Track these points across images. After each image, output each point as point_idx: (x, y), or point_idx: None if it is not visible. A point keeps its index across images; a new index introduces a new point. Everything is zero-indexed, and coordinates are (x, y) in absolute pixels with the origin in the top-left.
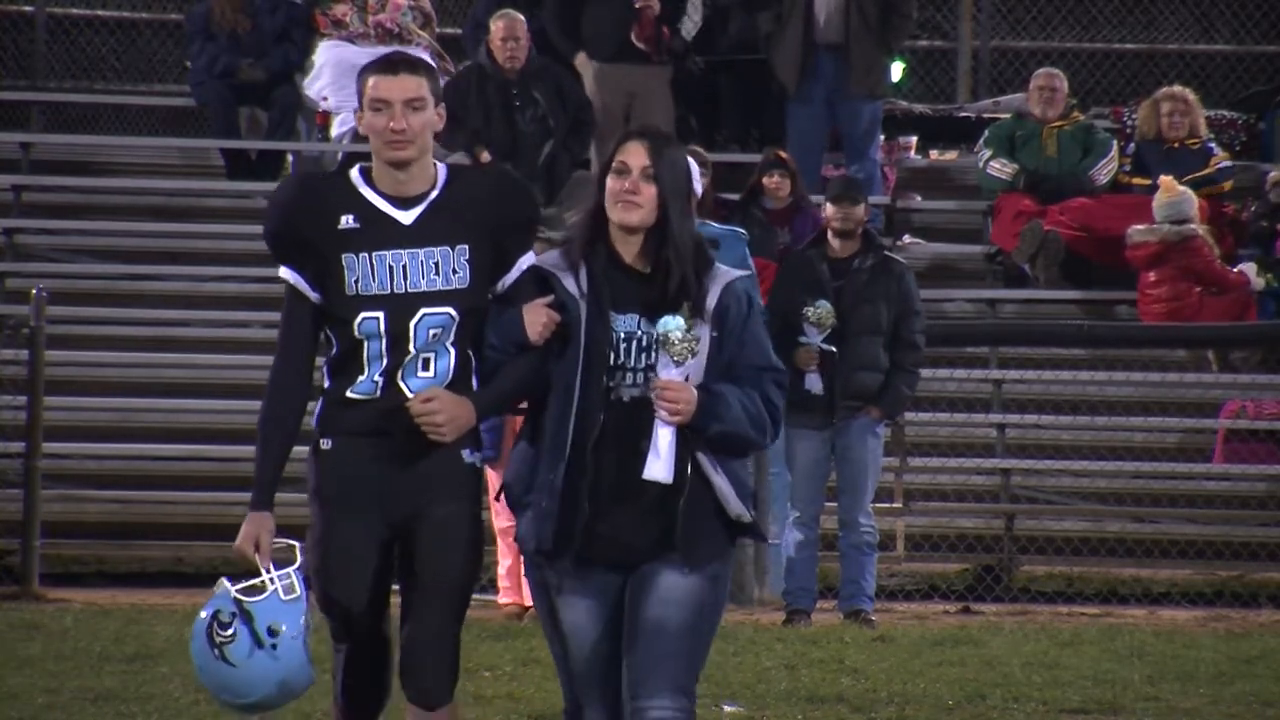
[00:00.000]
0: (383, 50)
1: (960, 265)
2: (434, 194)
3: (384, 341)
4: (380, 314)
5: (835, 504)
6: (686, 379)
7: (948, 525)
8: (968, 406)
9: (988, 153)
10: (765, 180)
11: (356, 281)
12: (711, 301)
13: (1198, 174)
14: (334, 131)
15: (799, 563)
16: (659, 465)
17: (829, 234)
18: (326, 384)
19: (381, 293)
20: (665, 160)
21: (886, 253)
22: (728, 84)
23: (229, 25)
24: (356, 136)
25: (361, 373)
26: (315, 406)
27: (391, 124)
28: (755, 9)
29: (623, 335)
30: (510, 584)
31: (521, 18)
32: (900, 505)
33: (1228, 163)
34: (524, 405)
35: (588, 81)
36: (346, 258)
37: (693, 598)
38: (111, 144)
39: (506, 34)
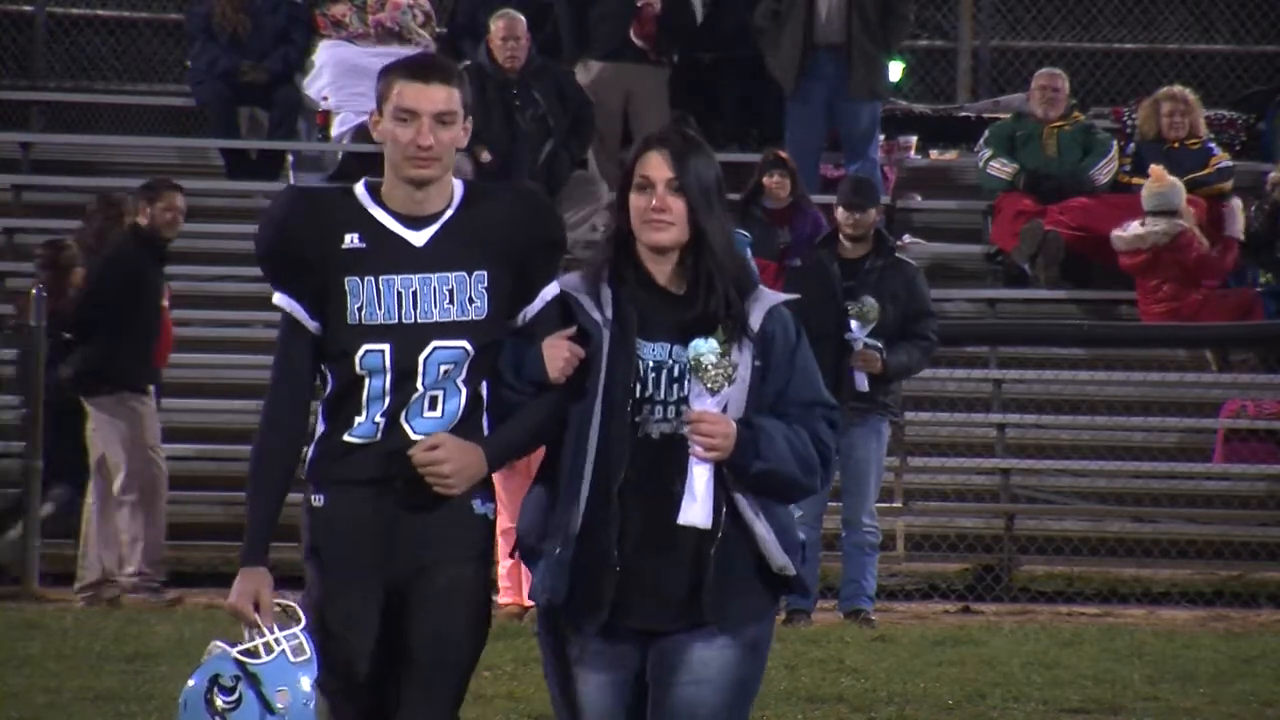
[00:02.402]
0: (382, 50)
1: (960, 265)
2: (449, 213)
3: (388, 378)
4: (386, 346)
5: (836, 503)
6: (724, 411)
7: (948, 525)
8: (968, 406)
9: (988, 152)
10: (765, 180)
11: (360, 309)
12: (755, 325)
13: (1198, 174)
14: (334, 131)
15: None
16: (695, 509)
17: (840, 235)
18: (320, 429)
19: (388, 322)
20: (691, 169)
21: (898, 255)
22: (727, 82)
23: (229, 25)
24: (356, 136)
25: (360, 414)
26: (307, 454)
27: (418, 139)
28: (755, 7)
29: (651, 364)
30: (510, 584)
31: (521, 17)
32: (900, 505)
33: (1228, 163)
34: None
35: (584, 79)
36: (350, 281)
37: (728, 673)
38: (111, 144)
39: (506, 33)
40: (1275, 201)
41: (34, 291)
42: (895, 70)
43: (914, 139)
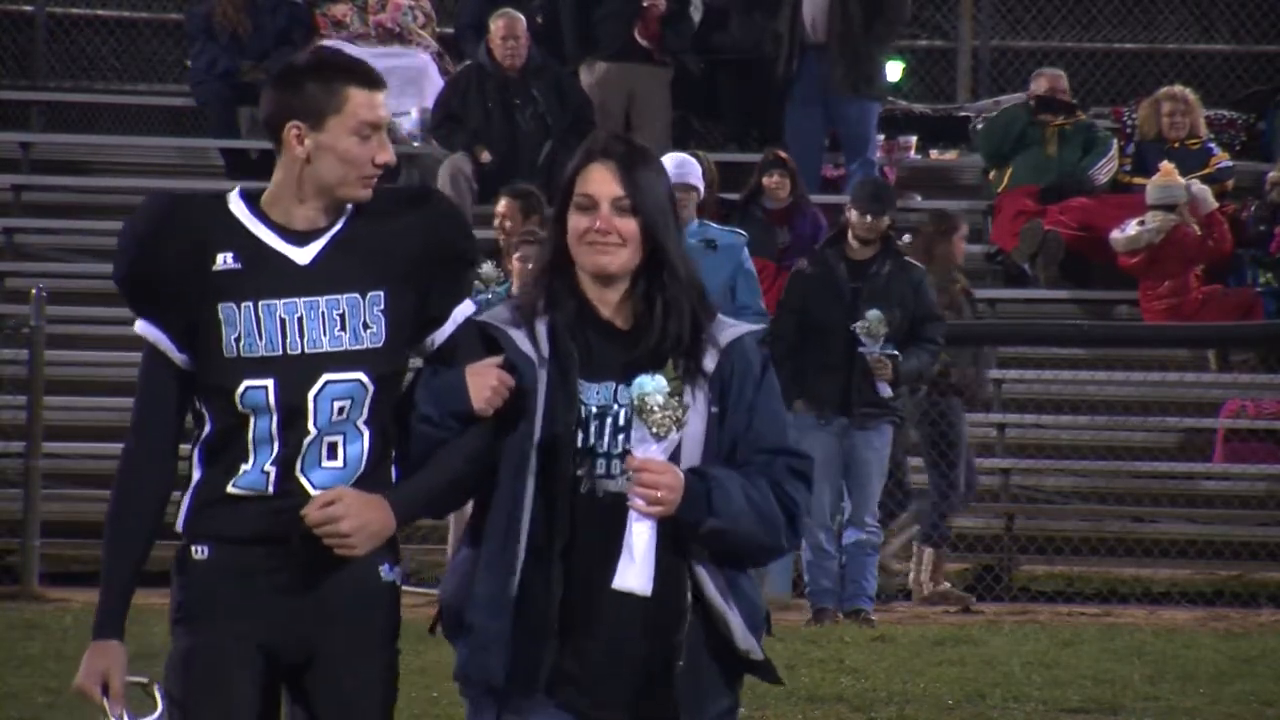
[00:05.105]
0: (383, 50)
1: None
2: (338, 226)
3: (275, 418)
4: (269, 382)
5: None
6: (673, 460)
7: (948, 525)
8: (968, 406)
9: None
10: (765, 180)
11: (238, 340)
12: (710, 365)
13: (1198, 174)
14: None
15: (817, 565)
16: (634, 572)
17: (849, 236)
18: (196, 475)
19: (271, 354)
20: (642, 184)
21: (905, 258)
22: (727, 84)
23: (229, 26)
24: None
25: (245, 460)
26: (181, 505)
27: (381, 157)
28: (753, 9)
29: (595, 410)
30: None
31: (521, 17)
32: None
33: (1228, 162)
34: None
35: (588, 80)
36: (224, 309)
37: None
38: (111, 144)
39: (506, 33)
40: (1274, 202)
41: (35, 291)
42: (895, 70)
43: (914, 139)
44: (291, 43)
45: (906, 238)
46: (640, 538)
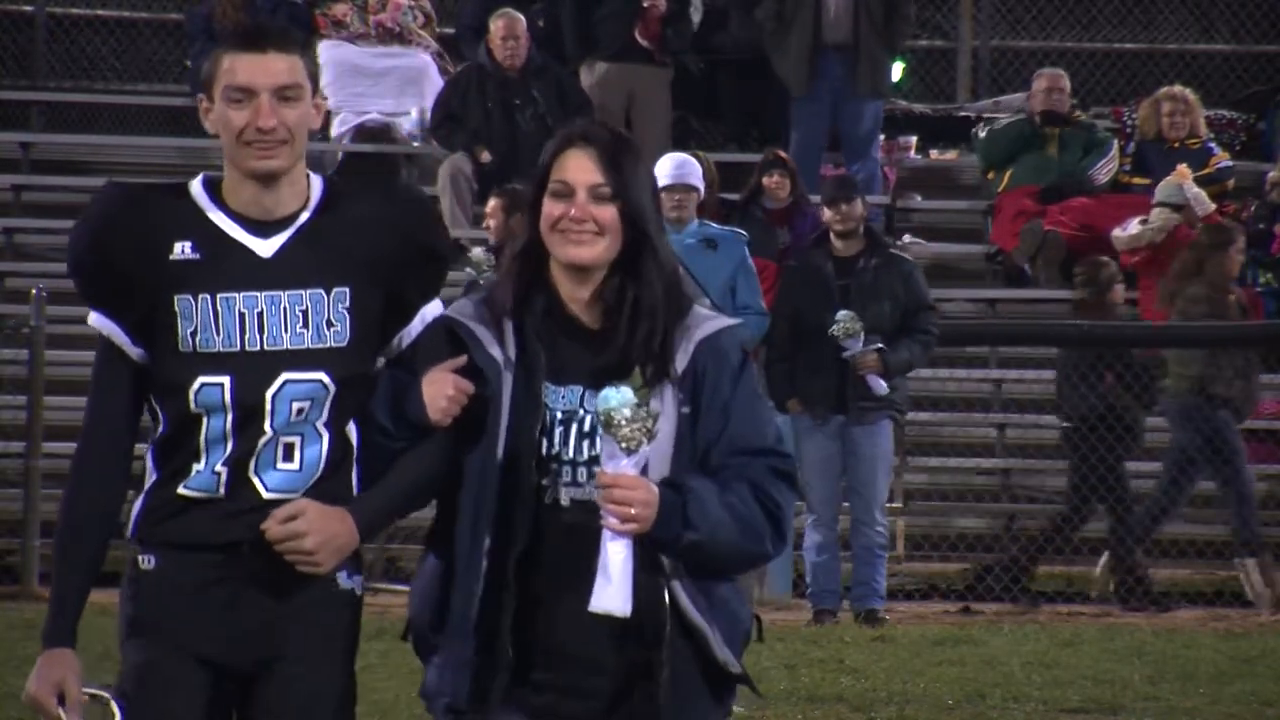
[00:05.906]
0: (383, 50)
1: (960, 265)
2: (305, 216)
3: (229, 418)
4: (225, 379)
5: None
6: (643, 472)
7: (948, 525)
8: (968, 406)
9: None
10: (765, 180)
11: (194, 334)
12: (682, 363)
13: (1198, 174)
14: (334, 131)
15: (820, 566)
16: (611, 593)
17: (831, 234)
18: (151, 476)
19: (228, 350)
20: (625, 172)
21: (892, 250)
22: (727, 84)
23: (230, 25)
24: (357, 136)
25: (197, 460)
26: (133, 507)
27: (258, 121)
28: (754, 7)
29: (560, 415)
30: None
31: (521, 17)
32: (900, 505)
33: (1228, 162)
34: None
35: (588, 80)
36: (181, 301)
37: None
38: (111, 144)
39: (506, 33)
40: (1274, 202)
41: (35, 291)
42: (895, 70)
43: (914, 139)
44: None
45: (906, 238)
46: (615, 557)
